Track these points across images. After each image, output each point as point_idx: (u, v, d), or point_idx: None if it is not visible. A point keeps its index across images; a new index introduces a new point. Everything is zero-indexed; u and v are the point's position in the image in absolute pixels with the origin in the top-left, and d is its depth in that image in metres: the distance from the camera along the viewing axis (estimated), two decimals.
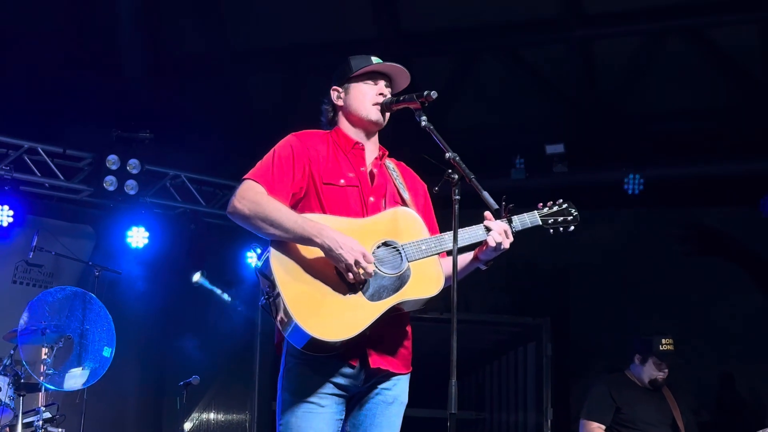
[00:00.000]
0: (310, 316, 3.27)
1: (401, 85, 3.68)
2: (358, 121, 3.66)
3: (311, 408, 3.40)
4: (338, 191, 3.53)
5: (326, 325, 3.27)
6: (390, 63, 3.65)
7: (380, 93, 3.63)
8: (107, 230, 9.00)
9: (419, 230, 3.51)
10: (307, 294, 3.31)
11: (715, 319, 8.72)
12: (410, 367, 3.59)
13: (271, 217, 3.34)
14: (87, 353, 7.16)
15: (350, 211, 3.50)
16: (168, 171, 8.87)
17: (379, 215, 3.52)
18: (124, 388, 9.31)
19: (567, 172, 8.67)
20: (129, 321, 8.40)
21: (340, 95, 3.69)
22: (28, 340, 6.87)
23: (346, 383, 3.44)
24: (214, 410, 9.65)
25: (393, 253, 3.42)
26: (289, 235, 3.34)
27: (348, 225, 3.42)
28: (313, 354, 3.35)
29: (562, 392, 9.22)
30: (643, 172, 8.49)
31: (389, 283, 3.36)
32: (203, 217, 9.07)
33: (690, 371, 7.36)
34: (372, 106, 3.62)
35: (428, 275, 3.44)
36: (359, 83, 3.65)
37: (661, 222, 9.15)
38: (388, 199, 3.60)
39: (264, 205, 3.37)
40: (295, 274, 3.34)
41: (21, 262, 8.86)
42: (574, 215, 3.76)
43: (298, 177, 3.51)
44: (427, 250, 3.44)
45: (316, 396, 3.40)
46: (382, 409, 3.51)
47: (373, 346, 3.42)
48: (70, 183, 8.50)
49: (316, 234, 3.30)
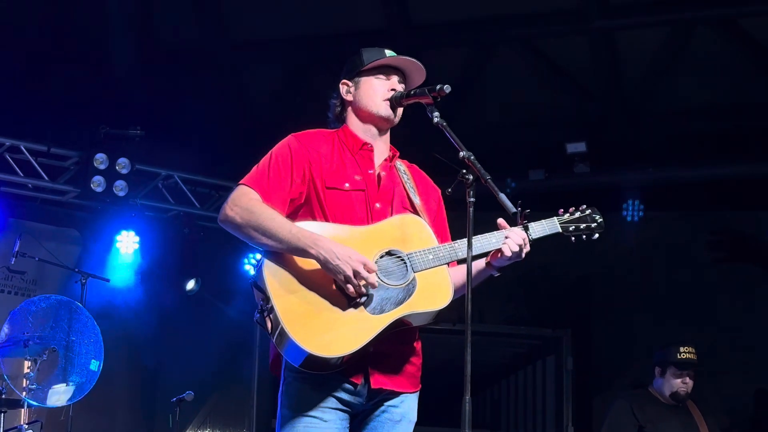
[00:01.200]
0: (306, 331, 3.25)
1: (416, 81, 3.65)
2: (367, 117, 3.64)
3: (313, 422, 3.38)
4: (342, 196, 3.51)
5: (324, 340, 3.25)
6: (405, 57, 3.63)
7: (392, 89, 3.61)
8: (95, 234, 9.01)
9: (427, 238, 3.49)
10: (302, 308, 3.29)
11: (749, 331, 8.70)
12: (418, 386, 3.57)
13: (263, 227, 3.33)
14: (73, 367, 7.16)
15: (354, 217, 3.48)
16: (160, 171, 8.87)
17: (384, 222, 3.49)
18: (112, 404, 9.32)
19: (589, 172, 8.67)
20: (118, 332, 8.40)
21: (349, 89, 3.67)
22: (10, 352, 6.88)
23: (349, 399, 3.42)
24: (210, 428, 9.66)
25: (397, 263, 3.39)
26: (283, 245, 3.32)
27: (349, 233, 3.40)
28: (312, 372, 3.33)
29: (584, 409, 9.22)
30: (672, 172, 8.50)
31: (393, 295, 3.34)
32: (198, 220, 9.08)
33: (722, 387, 7.37)
34: (383, 102, 3.60)
35: (436, 286, 3.41)
36: (370, 77, 3.63)
37: (689, 227, 9.15)
38: (395, 205, 3.58)
39: (257, 213, 3.36)
40: (290, 287, 3.32)
41: (2, 269, 8.86)
42: (598, 222, 3.73)
43: (297, 182, 3.49)
44: (435, 260, 3.41)
45: (318, 410, 3.38)
46: (389, 427, 3.49)
47: (375, 364, 3.40)
48: (55, 184, 8.51)
49: (311, 245, 3.29)
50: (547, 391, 9.52)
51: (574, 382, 9.17)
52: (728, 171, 8.48)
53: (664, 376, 6.29)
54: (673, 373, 6.25)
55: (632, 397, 6.35)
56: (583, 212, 3.73)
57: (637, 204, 8.68)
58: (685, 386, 6.25)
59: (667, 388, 6.28)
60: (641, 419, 6.19)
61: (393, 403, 3.50)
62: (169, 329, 9.57)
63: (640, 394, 6.38)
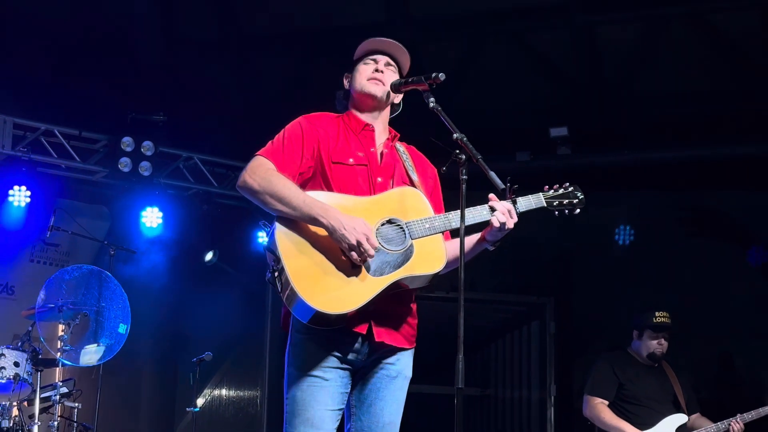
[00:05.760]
0: (313, 290, 3.26)
1: (403, 62, 3.68)
2: (358, 97, 3.65)
3: (316, 381, 3.39)
4: (347, 170, 3.51)
5: (329, 298, 3.26)
6: (384, 39, 3.65)
7: (376, 69, 3.62)
8: (122, 210, 9.00)
9: (425, 209, 3.49)
10: (310, 268, 3.30)
11: (715, 300, 8.71)
12: (414, 343, 3.57)
13: (279, 194, 3.34)
14: (103, 330, 7.17)
15: (358, 189, 3.48)
16: (181, 153, 8.86)
17: (386, 194, 3.50)
18: (138, 364, 9.34)
19: (570, 154, 8.65)
20: (144, 299, 8.40)
21: (348, 79, 3.72)
22: (46, 317, 6.89)
23: (350, 357, 3.43)
24: (226, 386, 9.68)
25: (397, 230, 3.40)
26: (296, 212, 3.33)
27: (354, 203, 3.41)
28: (318, 328, 3.34)
29: (565, 369, 9.24)
30: (646, 154, 8.48)
31: (392, 259, 3.34)
32: (215, 197, 9.07)
33: (689, 350, 7.37)
34: (367, 81, 3.61)
35: (431, 253, 3.41)
36: (360, 64, 3.67)
37: (663, 204, 9.13)
38: (396, 179, 3.58)
39: (273, 181, 3.36)
40: (299, 249, 3.33)
41: (38, 242, 8.88)
42: (579, 198, 3.72)
43: (306, 157, 3.50)
44: (431, 228, 3.42)
45: (321, 370, 3.39)
46: (387, 383, 3.50)
47: (377, 320, 3.41)
48: (85, 164, 8.50)
49: (322, 213, 3.30)
50: (531, 353, 9.54)
51: (556, 345, 9.20)
52: (696, 153, 8.45)
53: (642, 338, 6.30)
54: (650, 335, 6.26)
55: (613, 358, 6.36)
56: (566, 189, 3.72)
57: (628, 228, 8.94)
58: (661, 347, 6.26)
59: (644, 349, 6.28)
60: (621, 378, 6.20)
61: (390, 360, 3.50)
62: (190, 296, 9.58)
63: (620, 355, 6.38)
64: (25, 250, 8.95)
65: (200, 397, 8.90)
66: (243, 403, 9.45)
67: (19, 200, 8.17)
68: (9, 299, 8.80)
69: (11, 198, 8.15)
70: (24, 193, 8.17)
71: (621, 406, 6.14)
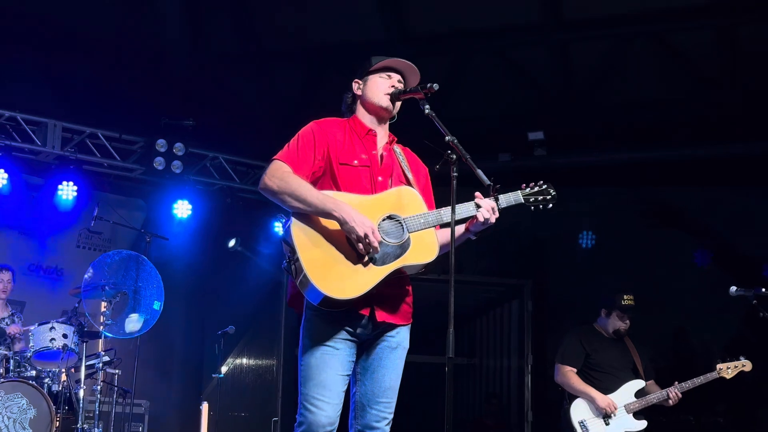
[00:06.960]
0: (324, 277, 3.27)
1: (412, 82, 3.65)
2: (371, 107, 3.64)
3: (327, 350, 3.41)
4: (352, 171, 3.52)
5: (338, 285, 3.28)
6: (403, 60, 3.63)
7: (392, 85, 3.61)
8: (156, 203, 9.02)
9: (419, 206, 3.52)
10: (322, 258, 3.32)
11: (671, 282, 8.73)
12: (410, 320, 3.60)
13: (296, 193, 3.35)
14: (140, 306, 7.19)
15: (361, 188, 3.50)
16: (208, 153, 8.87)
17: (386, 192, 3.51)
18: (171, 336, 9.38)
19: (546, 155, 8.66)
20: (175, 279, 8.43)
21: (359, 86, 3.68)
22: (91, 295, 6.92)
23: (357, 331, 3.45)
24: (247, 356, 9.71)
25: (396, 225, 3.42)
26: (311, 208, 3.34)
27: (359, 200, 3.42)
28: (328, 309, 3.36)
29: (540, 342, 9.26)
30: (612, 155, 8.50)
31: (392, 251, 3.36)
32: (237, 192, 9.08)
33: (648, 325, 7.37)
34: (384, 95, 3.61)
35: (426, 244, 3.44)
36: (375, 76, 3.65)
37: (627, 199, 9.13)
38: (394, 178, 3.60)
39: (290, 182, 3.38)
40: (313, 241, 3.34)
41: (84, 230, 8.93)
42: (552, 194, 3.75)
43: (318, 158, 3.51)
44: (425, 223, 3.44)
45: (332, 341, 3.41)
46: (387, 353, 3.53)
47: (379, 303, 3.43)
48: (125, 163, 8.51)
49: (335, 208, 3.32)
50: (512, 328, 9.57)
51: (533, 321, 9.22)
52: (656, 154, 8.47)
53: (609, 317, 6.28)
54: (618, 315, 6.24)
55: (581, 332, 6.35)
56: (541, 187, 3.75)
57: (590, 234, 9.04)
58: (626, 325, 6.26)
59: (611, 326, 6.27)
60: (588, 349, 6.21)
61: (391, 334, 3.53)
62: (215, 277, 9.61)
63: (587, 329, 6.38)
64: (73, 238, 8.98)
65: (224, 365, 8.93)
66: (261, 370, 9.47)
67: (68, 194, 8.21)
68: (58, 280, 8.85)
69: (60, 192, 8.19)
70: (71, 188, 8.21)
71: (587, 373, 6.15)
